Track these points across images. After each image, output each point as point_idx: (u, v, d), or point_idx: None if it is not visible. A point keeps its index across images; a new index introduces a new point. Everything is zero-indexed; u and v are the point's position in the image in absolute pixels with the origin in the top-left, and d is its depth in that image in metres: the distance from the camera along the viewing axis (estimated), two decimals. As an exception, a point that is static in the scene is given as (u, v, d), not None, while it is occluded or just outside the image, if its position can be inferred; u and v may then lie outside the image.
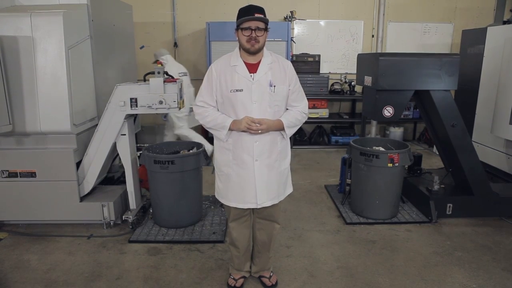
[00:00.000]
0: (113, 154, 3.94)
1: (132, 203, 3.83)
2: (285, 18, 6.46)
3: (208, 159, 3.77)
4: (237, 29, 2.43)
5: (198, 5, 6.76)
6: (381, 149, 3.95)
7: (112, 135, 3.63)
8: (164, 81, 3.49)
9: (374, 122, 5.36)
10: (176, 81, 3.53)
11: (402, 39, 7.00)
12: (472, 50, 5.18)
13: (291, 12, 6.38)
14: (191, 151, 3.82)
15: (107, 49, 4.26)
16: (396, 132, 6.89)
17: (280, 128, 2.50)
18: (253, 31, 2.34)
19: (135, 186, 3.83)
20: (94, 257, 3.29)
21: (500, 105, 4.13)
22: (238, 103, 2.43)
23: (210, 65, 6.15)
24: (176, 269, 3.10)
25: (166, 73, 3.65)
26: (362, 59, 3.97)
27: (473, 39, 5.14)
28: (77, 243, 3.51)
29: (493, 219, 3.97)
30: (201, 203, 3.94)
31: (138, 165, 3.89)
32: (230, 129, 2.45)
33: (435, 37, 6.99)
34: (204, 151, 3.74)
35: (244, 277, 2.91)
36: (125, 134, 3.67)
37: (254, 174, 2.52)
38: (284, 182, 2.70)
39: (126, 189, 3.84)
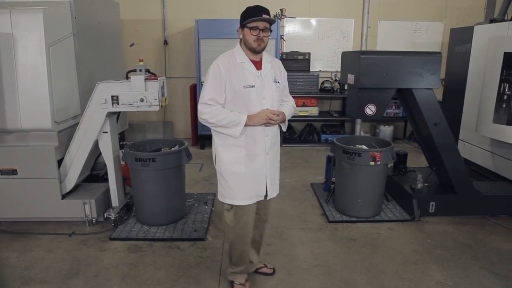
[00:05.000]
0: (96, 151, 3.93)
1: (115, 201, 3.83)
2: (275, 16, 6.43)
3: (191, 156, 3.77)
4: (242, 27, 2.46)
5: (187, 2, 6.74)
6: (364, 147, 3.95)
7: (93, 132, 3.63)
8: (146, 79, 3.49)
9: (359, 120, 5.38)
10: (157, 79, 3.52)
11: (393, 37, 6.99)
12: (459, 48, 5.17)
13: (281, 10, 6.36)
14: (172, 148, 3.81)
15: (92, 46, 4.24)
16: (386, 130, 6.89)
17: (282, 120, 2.61)
18: (261, 31, 2.40)
19: (117, 184, 3.83)
20: (74, 254, 3.29)
21: (484, 103, 4.12)
22: (251, 98, 2.46)
23: (199, 62, 6.14)
24: (155, 267, 3.11)
25: (148, 70, 3.65)
26: (345, 57, 3.96)
27: (461, 38, 5.13)
28: (58, 240, 3.51)
29: (476, 218, 3.98)
30: (183, 200, 3.94)
31: (124, 163, 3.88)
32: (245, 125, 2.44)
33: (425, 35, 6.98)
34: (186, 149, 3.74)
35: (247, 279, 2.84)
36: (107, 132, 3.67)
37: (266, 167, 2.59)
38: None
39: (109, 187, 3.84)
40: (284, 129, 2.72)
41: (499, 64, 3.87)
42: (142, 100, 3.47)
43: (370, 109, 3.65)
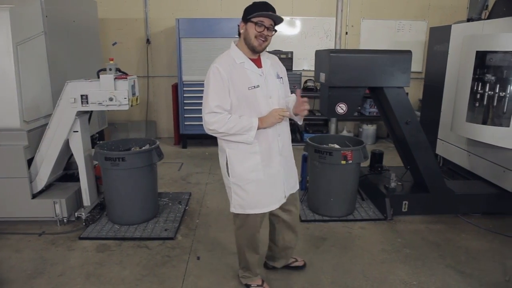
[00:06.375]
0: (69, 151, 3.90)
1: (86, 200, 3.82)
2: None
3: (162, 155, 3.76)
4: (246, 22, 2.32)
5: (170, 1, 6.72)
6: (336, 146, 3.95)
7: (63, 132, 3.61)
8: (115, 78, 3.48)
9: (333, 119, 5.37)
10: (127, 78, 3.51)
11: (376, 36, 6.99)
12: (438, 47, 5.17)
13: (263, 8, 6.34)
14: (143, 148, 3.80)
15: (66, 45, 4.22)
16: (369, 129, 6.89)
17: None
18: (266, 29, 2.29)
19: (89, 183, 3.82)
20: (41, 254, 3.27)
21: (458, 102, 4.12)
22: (258, 99, 2.36)
23: (181, 62, 6.12)
24: (121, 266, 3.10)
25: (119, 69, 3.64)
26: (318, 55, 3.95)
27: (439, 37, 5.13)
28: (27, 240, 3.50)
29: (449, 217, 3.98)
30: (155, 200, 3.93)
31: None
32: (258, 128, 2.34)
33: (409, 34, 6.99)
34: (157, 148, 3.72)
35: (263, 280, 2.83)
36: (77, 131, 3.66)
37: (280, 169, 2.51)
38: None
39: (81, 186, 3.83)
40: (301, 123, 2.65)
41: (471, 63, 3.87)
42: (111, 99, 3.47)
43: (341, 108, 3.64)
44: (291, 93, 2.68)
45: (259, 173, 2.44)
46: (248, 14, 2.30)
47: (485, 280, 2.95)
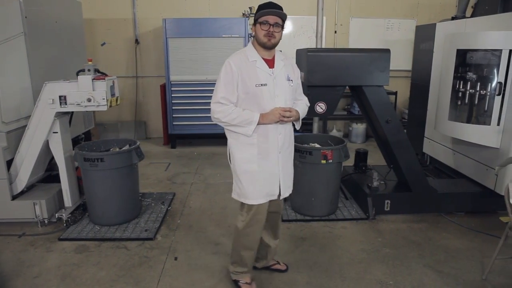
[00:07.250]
0: (50, 151, 3.90)
1: (67, 201, 3.82)
2: (244, 14, 6.41)
3: (142, 156, 3.75)
4: (255, 24, 2.49)
5: (158, 1, 6.70)
6: (317, 145, 3.94)
7: (43, 133, 3.61)
8: (93, 79, 3.47)
9: (315, 118, 5.37)
10: (105, 79, 3.50)
11: (365, 35, 6.97)
12: (424, 46, 5.15)
13: (250, 8, 6.33)
14: (123, 148, 3.79)
15: (48, 46, 4.20)
16: (358, 128, 6.87)
17: (296, 119, 2.60)
18: (271, 26, 2.40)
19: (70, 184, 3.81)
20: (19, 255, 3.26)
21: (440, 101, 4.11)
22: (264, 97, 2.46)
23: (168, 62, 6.11)
24: (98, 267, 3.09)
25: (98, 70, 3.63)
26: (298, 54, 3.94)
27: (425, 35, 5.12)
28: (7, 242, 3.49)
29: (432, 215, 3.97)
30: (136, 200, 3.92)
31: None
32: (258, 123, 2.45)
33: (398, 33, 6.96)
34: (137, 148, 3.71)
35: (253, 278, 2.86)
36: (57, 132, 3.65)
37: (279, 167, 2.59)
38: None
39: (63, 187, 3.82)
40: (298, 128, 2.75)
41: (452, 61, 3.86)
42: (89, 100, 3.46)
43: (320, 107, 3.63)
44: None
45: (254, 165, 2.53)
46: (255, 16, 2.47)
47: (462, 279, 2.94)
